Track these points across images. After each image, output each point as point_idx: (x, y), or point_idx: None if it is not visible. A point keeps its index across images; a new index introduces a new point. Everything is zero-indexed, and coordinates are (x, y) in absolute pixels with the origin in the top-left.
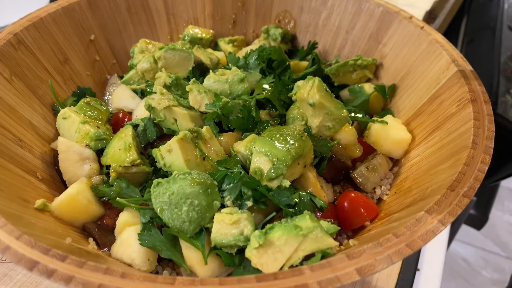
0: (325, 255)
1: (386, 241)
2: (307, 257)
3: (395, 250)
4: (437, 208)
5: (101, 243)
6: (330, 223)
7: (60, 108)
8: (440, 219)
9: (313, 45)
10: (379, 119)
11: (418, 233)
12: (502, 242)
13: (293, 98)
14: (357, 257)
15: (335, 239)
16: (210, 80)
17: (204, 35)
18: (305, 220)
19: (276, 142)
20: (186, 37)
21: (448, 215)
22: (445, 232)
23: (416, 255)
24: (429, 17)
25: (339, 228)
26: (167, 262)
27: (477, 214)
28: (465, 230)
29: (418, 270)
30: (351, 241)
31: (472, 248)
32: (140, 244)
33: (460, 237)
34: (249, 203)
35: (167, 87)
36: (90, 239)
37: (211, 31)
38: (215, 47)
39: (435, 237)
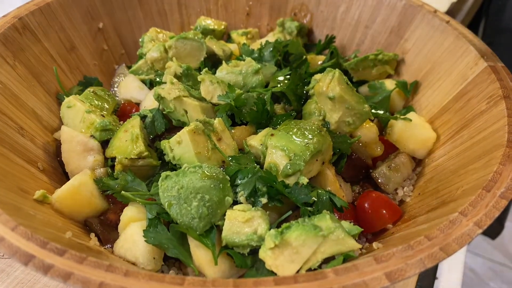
0: (346, 258)
1: (418, 244)
2: (327, 260)
3: (428, 254)
4: (472, 209)
5: (104, 239)
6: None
7: (64, 97)
8: (476, 222)
9: (330, 39)
10: (403, 117)
11: (452, 236)
12: (511, 254)
13: (311, 92)
14: (386, 261)
15: None
16: (223, 71)
17: (216, 26)
18: (325, 220)
19: (293, 136)
20: (198, 28)
21: (485, 217)
22: None
23: None
24: None
25: (362, 229)
26: (173, 262)
27: (492, 223)
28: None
29: (437, 278)
30: (374, 244)
31: (480, 259)
32: (145, 241)
33: (468, 247)
34: (264, 200)
35: (177, 77)
36: (92, 235)
37: (223, 23)
38: (228, 39)
39: None
